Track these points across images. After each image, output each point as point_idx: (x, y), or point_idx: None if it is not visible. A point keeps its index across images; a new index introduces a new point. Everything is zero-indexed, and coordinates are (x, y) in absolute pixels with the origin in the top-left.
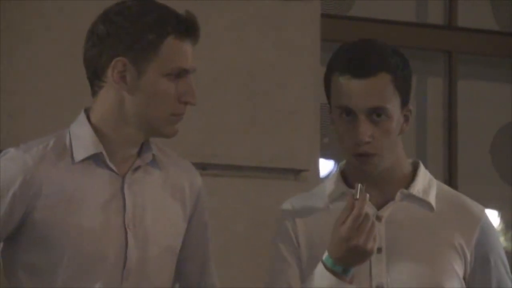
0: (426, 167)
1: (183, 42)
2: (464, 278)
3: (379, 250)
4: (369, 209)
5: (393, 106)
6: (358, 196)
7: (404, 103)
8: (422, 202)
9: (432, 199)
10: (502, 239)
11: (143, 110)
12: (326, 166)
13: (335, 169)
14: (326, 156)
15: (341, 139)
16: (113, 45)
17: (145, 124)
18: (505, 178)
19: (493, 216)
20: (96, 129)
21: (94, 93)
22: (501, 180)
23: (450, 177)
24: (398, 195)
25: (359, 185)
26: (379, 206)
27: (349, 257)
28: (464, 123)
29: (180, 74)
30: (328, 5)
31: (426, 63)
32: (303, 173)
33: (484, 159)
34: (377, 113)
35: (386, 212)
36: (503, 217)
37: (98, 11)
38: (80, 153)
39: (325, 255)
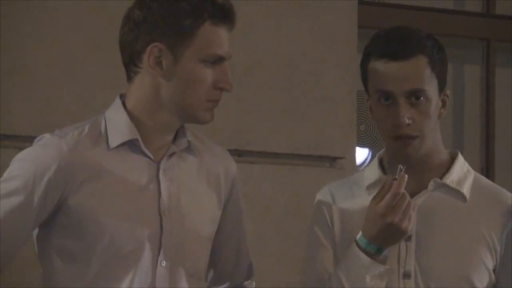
0: (463, 155)
1: (220, 28)
2: (493, 270)
3: (409, 237)
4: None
5: (431, 89)
6: (397, 176)
7: (441, 87)
8: (455, 192)
9: (466, 190)
10: None
11: (179, 96)
12: (362, 154)
13: (370, 157)
14: (362, 144)
15: (381, 124)
16: (149, 31)
17: (180, 110)
18: None
19: None
20: (131, 115)
21: (130, 78)
22: None
23: (487, 166)
24: (431, 184)
25: (399, 166)
26: (412, 194)
27: (383, 236)
28: (501, 110)
29: (217, 60)
30: None
31: (464, 51)
32: (339, 161)
33: None
34: (416, 96)
35: (418, 200)
36: None
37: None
38: (115, 139)
39: (359, 235)
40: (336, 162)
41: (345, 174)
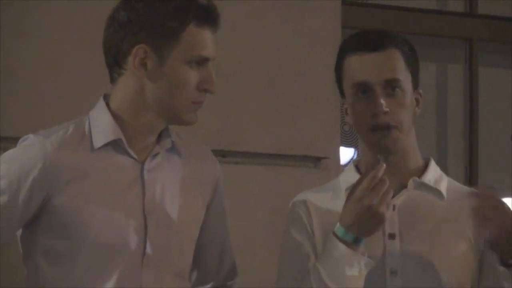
0: (447, 155)
1: (204, 30)
2: (476, 265)
3: (393, 236)
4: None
5: (406, 81)
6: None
7: (415, 85)
8: (434, 191)
9: (443, 189)
10: None
11: (163, 97)
12: (346, 154)
13: (355, 157)
14: (347, 144)
15: (358, 120)
16: (134, 32)
17: (165, 111)
18: None
19: None
20: (115, 116)
21: (114, 79)
22: None
23: (470, 165)
24: (411, 183)
25: (378, 156)
26: (393, 195)
27: (361, 221)
28: (484, 110)
29: (201, 62)
30: None
31: (447, 51)
32: (323, 161)
33: (505, 147)
34: (392, 86)
35: (399, 199)
36: None
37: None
38: (99, 140)
39: (337, 225)
40: (321, 162)
41: (329, 174)
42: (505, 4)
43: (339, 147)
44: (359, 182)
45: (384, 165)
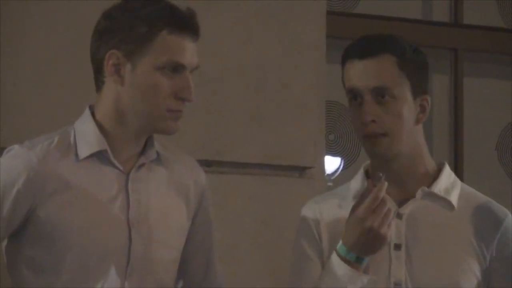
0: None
1: (179, 38)
2: (482, 279)
3: (399, 247)
4: (390, 205)
5: (400, 88)
6: (376, 183)
7: (417, 90)
8: (443, 201)
9: (453, 198)
10: None
11: (136, 104)
12: (331, 163)
13: (341, 166)
14: (332, 153)
15: (354, 126)
16: (109, 39)
17: (140, 119)
18: (511, 175)
19: None
20: (100, 126)
21: (98, 89)
22: (507, 177)
23: (455, 174)
24: (419, 193)
25: (379, 173)
26: (400, 204)
27: (362, 242)
28: (470, 120)
29: (176, 69)
30: (334, 2)
31: (432, 60)
32: (308, 170)
33: (490, 156)
34: (381, 94)
35: (406, 209)
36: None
37: (98, 10)
38: (84, 150)
39: (339, 243)
40: (306, 171)
41: (314, 183)
42: (490, 14)
43: (324, 156)
44: (361, 200)
45: (386, 183)
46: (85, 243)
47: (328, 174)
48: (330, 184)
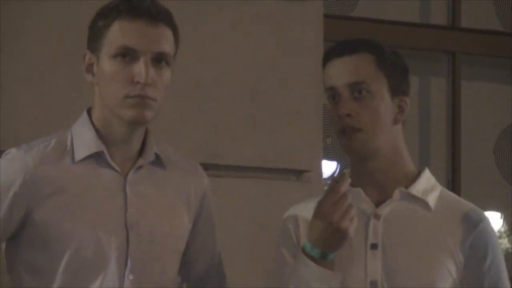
0: (429, 167)
1: (130, 23)
2: (458, 279)
3: (375, 246)
4: (368, 205)
5: (377, 85)
6: (339, 179)
7: (395, 90)
8: (420, 202)
9: (431, 200)
10: (505, 240)
11: (104, 96)
12: (328, 167)
13: (338, 170)
14: (329, 157)
15: (332, 124)
16: (87, 43)
17: (111, 112)
18: (508, 179)
19: (496, 217)
20: (96, 128)
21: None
22: (504, 181)
23: (453, 178)
24: (396, 193)
25: (343, 170)
26: (378, 204)
27: (325, 237)
28: (467, 123)
29: (130, 55)
30: (331, 5)
31: (429, 64)
32: (305, 174)
33: (488, 160)
34: (358, 89)
35: (384, 210)
36: (506, 218)
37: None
38: (81, 152)
39: (305, 242)
40: (303, 175)
41: (311, 187)
42: (488, 17)
43: (321, 160)
44: (324, 197)
45: (349, 179)
46: (82, 245)
47: (325, 178)
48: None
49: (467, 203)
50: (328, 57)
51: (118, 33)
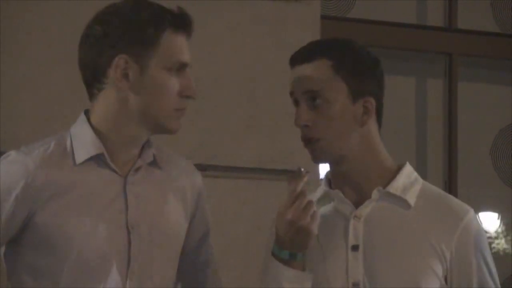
0: (426, 169)
1: (179, 36)
2: (444, 277)
3: (356, 248)
4: (347, 206)
5: (334, 93)
6: (295, 177)
7: (357, 94)
8: (400, 200)
9: (410, 197)
10: (502, 241)
11: (147, 106)
12: (326, 167)
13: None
14: None
15: None
16: (112, 44)
17: (150, 121)
18: (505, 180)
19: (493, 218)
20: (96, 131)
21: (93, 95)
22: (501, 182)
23: (450, 179)
24: (375, 193)
25: (300, 168)
26: (357, 205)
27: (289, 237)
28: (464, 125)
29: (180, 68)
30: (328, 6)
31: (426, 65)
32: None
33: (484, 161)
34: (312, 98)
35: (364, 211)
36: (503, 219)
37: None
38: (81, 155)
39: (273, 244)
40: None
41: (308, 187)
42: (485, 19)
43: None
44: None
45: (306, 177)
46: (84, 247)
47: (321, 179)
48: None
49: (451, 197)
50: (291, 63)
51: (175, 47)
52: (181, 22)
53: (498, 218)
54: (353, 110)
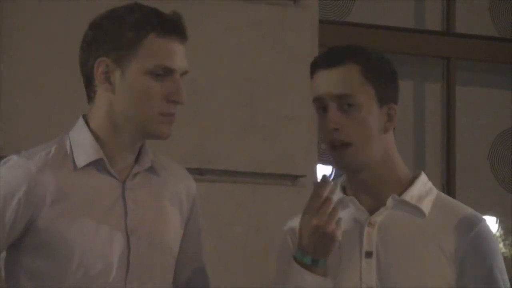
0: (424, 172)
1: (167, 41)
2: (455, 286)
3: (370, 254)
4: (362, 213)
5: (363, 96)
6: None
7: (383, 99)
8: (414, 209)
9: (425, 205)
10: (500, 245)
11: (129, 110)
12: (323, 172)
13: (333, 175)
14: (324, 162)
15: (322, 137)
16: (97, 47)
17: (134, 125)
18: (503, 184)
19: (492, 223)
20: (95, 135)
21: (90, 99)
22: (499, 187)
23: (448, 183)
24: (390, 201)
25: (324, 174)
26: (372, 212)
27: (313, 242)
28: (462, 129)
29: (166, 73)
30: (326, 10)
31: (424, 69)
32: (300, 179)
33: (483, 165)
34: (347, 103)
35: (378, 218)
36: (501, 223)
37: (97, 11)
38: (81, 160)
39: (295, 249)
40: (298, 180)
41: (306, 192)
42: (483, 23)
43: (316, 165)
44: (308, 203)
45: (331, 183)
46: (85, 252)
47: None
48: None
49: (464, 206)
50: (315, 67)
51: (158, 52)
52: (169, 27)
53: (496, 222)
54: (379, 116)
